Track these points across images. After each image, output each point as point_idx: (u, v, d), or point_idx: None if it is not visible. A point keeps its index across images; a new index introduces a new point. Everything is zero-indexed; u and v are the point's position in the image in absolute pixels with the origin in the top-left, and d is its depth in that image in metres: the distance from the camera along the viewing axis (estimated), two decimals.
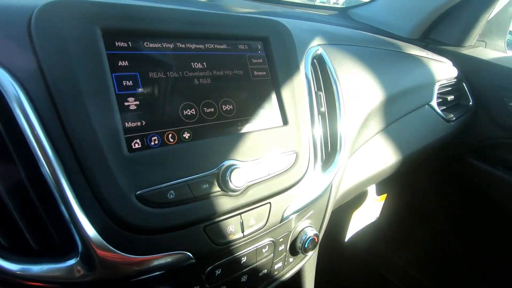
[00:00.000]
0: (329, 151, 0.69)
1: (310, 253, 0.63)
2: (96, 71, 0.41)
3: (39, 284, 0.36)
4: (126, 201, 0.40)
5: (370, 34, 1.14)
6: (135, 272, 0.41)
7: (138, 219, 0.40)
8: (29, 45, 0.39)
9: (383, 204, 1.14)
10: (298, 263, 0.66)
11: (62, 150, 0.38)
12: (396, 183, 1.24)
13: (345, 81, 0.78)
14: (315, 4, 1.59)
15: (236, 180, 0.47)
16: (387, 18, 1.45)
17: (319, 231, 0.67)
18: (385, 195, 1.12)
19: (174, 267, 0.44)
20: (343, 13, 1.63)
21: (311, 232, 0.61)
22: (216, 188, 0.47)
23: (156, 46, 0.47)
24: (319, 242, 0.64)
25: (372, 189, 1.04)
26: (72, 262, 0.38)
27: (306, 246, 0.61)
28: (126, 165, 0.41)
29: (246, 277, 0.55)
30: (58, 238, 0.39)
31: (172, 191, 0.43)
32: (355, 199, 1.01)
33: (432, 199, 1.37)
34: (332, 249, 1.13)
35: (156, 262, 0.42)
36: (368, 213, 1.08)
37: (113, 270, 0.40)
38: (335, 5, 1.66)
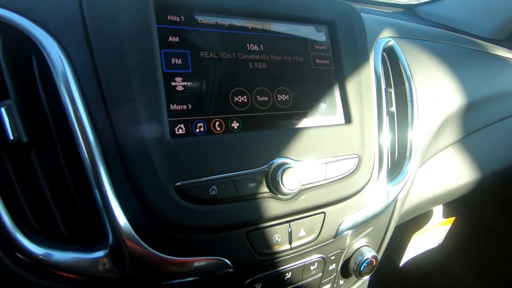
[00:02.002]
0: (396, 159, 0.58)
1: (365, 278, 0.53)
2: (144, 45, 0.37)
3: (62, 273, 0.33)
4: (162, 192, 0.35)
5: (448, 31, 0.99)
6: (166, 274, 0.36)
7: (173, 214, 0.35)
8: (79, 15, 0.36)
9: (449, 229, 0.97)
10: (349, 287, 0.57)
11: (101, 129, 0.35)
12: (467, 206, 1.05)
13: (420, 79, 0.67)
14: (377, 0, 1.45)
15: (288, 182, 0.40)
16: (464, 16, 1.26)
17: (378, 253, 0.56)
18: (453, 218, 0.95)
19: (209, 274, 0.38)
20: (409, 11, 1.48)
21: (368, 254, 0.51)
22: (264, 189, 0.40)
23: (210, 22, 0.42)
24: (377, 266, 0.53)
25: (438, 210, 0.89)
26: (100, 254, 0.34)
27: (361, 269, 0.51)
28: (167, 151, 0.36)
29: None
30: (88, 226, 0.35)
31: (214, 187, 0.37)
32: (417, 219, 0.87)
33: (508, 229, 1.14)
34: (383, 272, 0.99)
35: (189, 266, 0.37)
36: (430, 237, 0.93)
37: (143, 269, 0.35)
38: (400, 3, 1.50)
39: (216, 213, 0.37)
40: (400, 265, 0.91)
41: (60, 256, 0.33)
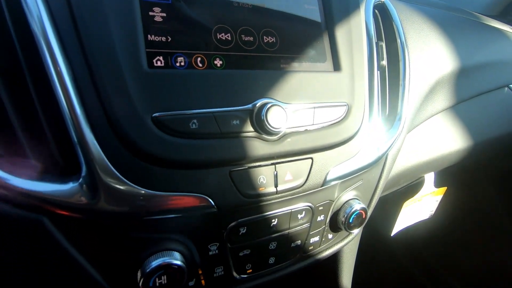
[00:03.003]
0: (387, 113, 0.57)
1: (355, 231, 0.52)
2: None
3: (32, 201, 0.31)
4: (138, 122, 0.33)
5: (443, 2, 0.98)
6: (145, 209, 0.34)
7: (151, 144, 0.33)
8: None
9: (441, 201, 0.97)
10: (338, 242, 0.56)
11: (74, 55, 0.33)
12: (458, 177, 1.05)
13: (412, 36, 0.65)
14: None
15: (274, 120, 0.39)
16: None
17: (368, 208, 0.55)
18: (445, 188, 0.95)
19: (191, 213, 0.37)
20: None
21: (357, 205, 0.50)
22: (249, 128, 0.39)
23: None
24: (366, 219, 0.52)
25: (430, 179, 0.89)
26: (72, 185, 0.32)
27: (350, 221, 0.50)
28: (144, 81, 0.34)
29: (275, 245, 0.46)
30: (61, 156, 0.33)
31: (195, 121, 0.35)
32: (409, 188, 0.87)
33: (497, 202, 1.15)
34: (374, 242, 0.98)
35: (169, 202, 0.35)
36: (422, 207, 0.92)
37: (119, 202, 0.33)
38: None
39: (197, 148, 0.35)
40: (392, 235, 0.91)
41: (29, 184, 0.31)
